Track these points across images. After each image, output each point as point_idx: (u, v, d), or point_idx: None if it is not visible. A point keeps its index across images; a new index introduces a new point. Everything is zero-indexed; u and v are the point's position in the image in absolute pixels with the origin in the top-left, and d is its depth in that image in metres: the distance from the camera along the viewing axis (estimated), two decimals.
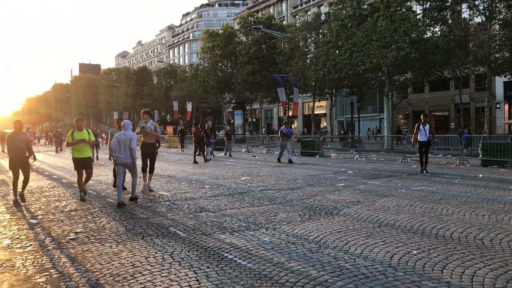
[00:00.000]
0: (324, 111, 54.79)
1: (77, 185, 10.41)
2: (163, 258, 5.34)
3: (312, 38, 42.11)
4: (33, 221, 7.67)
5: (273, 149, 31.04)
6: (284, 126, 19.81)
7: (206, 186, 11.84)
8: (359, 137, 28.64)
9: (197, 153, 20.92)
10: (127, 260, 5.30)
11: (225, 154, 25.74)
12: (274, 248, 5.69)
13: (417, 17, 29.96)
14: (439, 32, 30.10)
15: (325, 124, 55.98)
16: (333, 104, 48.57)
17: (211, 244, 5.92)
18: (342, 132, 45.89)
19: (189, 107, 56.88)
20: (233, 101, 58.82)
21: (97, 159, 21.69)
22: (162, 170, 16.49)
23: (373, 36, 29.34)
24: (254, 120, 66.52)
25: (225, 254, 5.44)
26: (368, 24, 30.71)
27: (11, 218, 8.03)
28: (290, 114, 43.39)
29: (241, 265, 5.05)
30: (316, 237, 6.17)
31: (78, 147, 9.69)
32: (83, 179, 9.95)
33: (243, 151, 30.49)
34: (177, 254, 5.52)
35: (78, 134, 9.73)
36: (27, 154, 9.79)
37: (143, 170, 10.86)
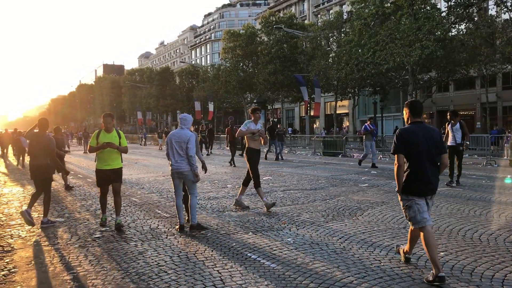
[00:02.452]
0: (346, 111, 54.32)
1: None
2: (187, 258, 5.37)
3: (334, 37, 41.79)
4: (60, 219, 7.81)
5: (295, 149, 30.93)
6: (368, 122, 16.81)
7: (228, 185, 11.86)
8: (383, 137, 28.27)
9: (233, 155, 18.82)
10: (152, 259, 5.34)
11: (277, 158, 21.23)
12: (298, 248, 5.65)
13: (442, 14, 29.43)
14: (465, 30, 29.51)
15: (347, 123, 55.49)
16: (355, 103, 48.13)
17: (234, 244, 5.92)
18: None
19: (211, 107, 57.16)
20: (255, 101, 58.81)
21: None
22: None
23: (397, 34, 28.96)
24: (275, 120, 66.43)
25: (249, 254, 5.43)
26: (391, 23, 30.32)
27: (38, 216, 8.17)
28: (312, 113, 43.15)
29: (265, 265, 5.03)
30: (340, 238, 6.11)
31: (104, 155, 7.08)
32: (114, 200, 7.20)
33: (265, 151, 30.45)
34: (201, 253, 5.54)
35: (104, 136, 7.10)
36: (49, 162, 7.59)
37: (244, 184, 8.54)
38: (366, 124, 16.92)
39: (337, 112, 47.03)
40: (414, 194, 4.54)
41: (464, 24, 29.57)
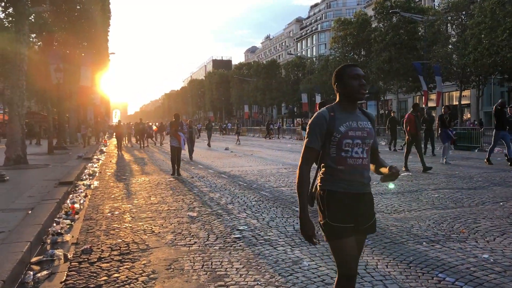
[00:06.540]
0: (467, 101, 49.36)
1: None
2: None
3: (460, 20, 37.81)
4: (191, 213, 7.11)
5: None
6: None
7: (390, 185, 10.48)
8: None
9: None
10: (313, 273, 4.26)
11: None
12: (507, 271, 4.19)
13: None
14: None
15: (468, 115, 50.50)
16: (480, 93, 43.38)
17: (412, 258, 4.61)
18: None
19: (317, 99, 55.60)
20: (366, 91, 56.11)
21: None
22: None
23: None
24: (386, 111, 62.83)
25: (440, 275, 4.10)
26: None
27: (169, 209, 7.60)
28: (432, 104, 39.65)
29: None
30: None
31: None
32: None
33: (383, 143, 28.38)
34: (373, 268, 4.34)
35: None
36: None
37: None
38: None
39: (461, 102, 42.75)
40: None
41: None
